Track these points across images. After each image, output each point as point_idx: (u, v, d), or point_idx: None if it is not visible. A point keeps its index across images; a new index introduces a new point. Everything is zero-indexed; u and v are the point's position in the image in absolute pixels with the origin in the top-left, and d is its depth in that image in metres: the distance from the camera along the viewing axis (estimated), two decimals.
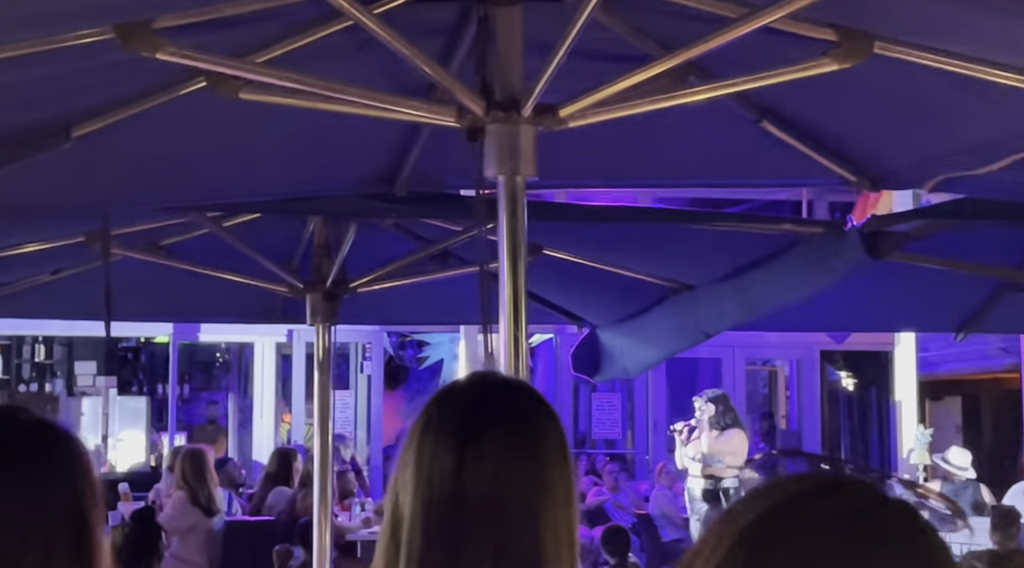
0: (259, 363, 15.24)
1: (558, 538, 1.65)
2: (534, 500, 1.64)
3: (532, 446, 1.67)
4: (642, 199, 13.84)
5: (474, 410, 1.69)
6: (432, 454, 1.65)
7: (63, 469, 1.57)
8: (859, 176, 4.01)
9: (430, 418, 1.69)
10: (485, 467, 1.63)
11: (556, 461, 1.68)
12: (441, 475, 1.63)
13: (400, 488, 1.67)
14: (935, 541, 1.06)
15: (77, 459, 1.59)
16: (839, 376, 18.14)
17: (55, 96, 3.34)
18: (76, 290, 5.47)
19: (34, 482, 1.53)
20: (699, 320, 5.26)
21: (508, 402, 1.72)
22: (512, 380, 1.79)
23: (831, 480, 1.10)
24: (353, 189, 4.31)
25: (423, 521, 1.62)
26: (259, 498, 10.41)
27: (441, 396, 1.74)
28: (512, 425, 1.68)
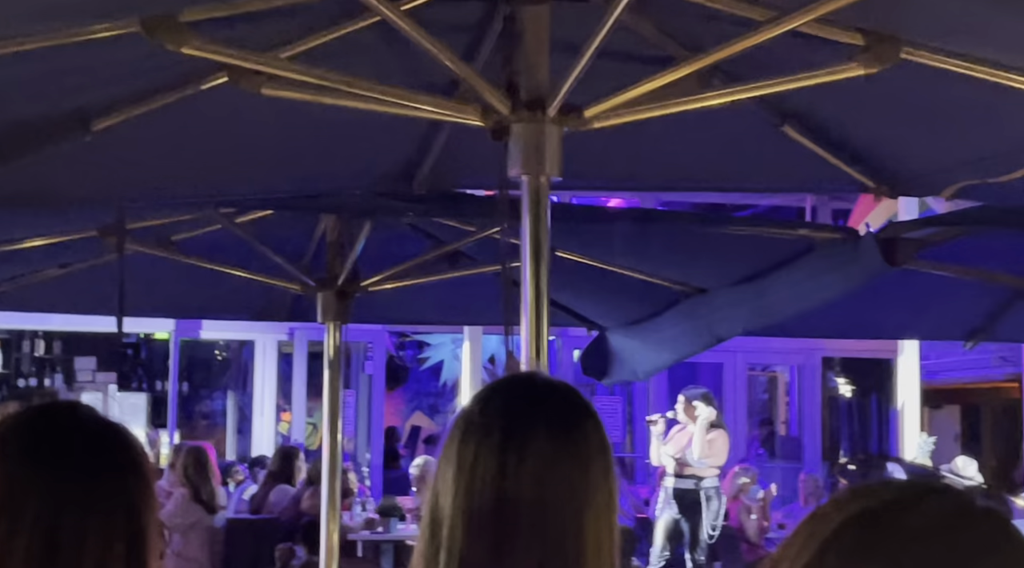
0: (259, 361, 15.22)
1: (599, 542, 1.63)
2: (578, 503, 1.62)
3: (576, 449, 1.65)
4: (647, 202, 13.84)
5: (518, 411, 1.67)
6: (475, 455, 1.62)
7: (122, 470, 1.55)
8: (878, 182, 4.00)
9: (472, 419, 1.67)
10: (528, 469, 1.61)
11: (599, 465, 1.66)
12: (483, 477, 1.61)
13: (440, 489, 1.64)
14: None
15: (135, 460, 1.58)
16: (839, 383, 18.13)
17: (77, 89, 3.32)
18: (85, 284, 5.45)
19: (94, 482, 1.52)
20: (712, 324, 5.24)
21: (553, 404, 1.70)
22: (557, 382, 1.76)
23: (924, 486, 1.09)
24: (372, 186, 4.29)
25: (464, 523, 1.60)
26: (261, 496, 10.40)
27: (483, 396, 1.72)
28: (556, 428, 1.66)
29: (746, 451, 16.01)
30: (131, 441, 1.59)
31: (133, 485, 1.55)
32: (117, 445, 1.58)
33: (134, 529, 1.53)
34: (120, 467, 1.56)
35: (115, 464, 1.56)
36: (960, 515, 1.04)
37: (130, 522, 1.53)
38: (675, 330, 5.50)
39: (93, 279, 5.29)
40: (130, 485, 1.55)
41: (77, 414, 1.59)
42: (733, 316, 5.11)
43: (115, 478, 1.54)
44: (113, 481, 1.54)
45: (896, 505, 1.05)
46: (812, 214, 16.12)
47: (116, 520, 1.51)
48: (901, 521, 1.03)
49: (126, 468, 1.56)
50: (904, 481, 1.09)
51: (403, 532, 10.20)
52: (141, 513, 1.54)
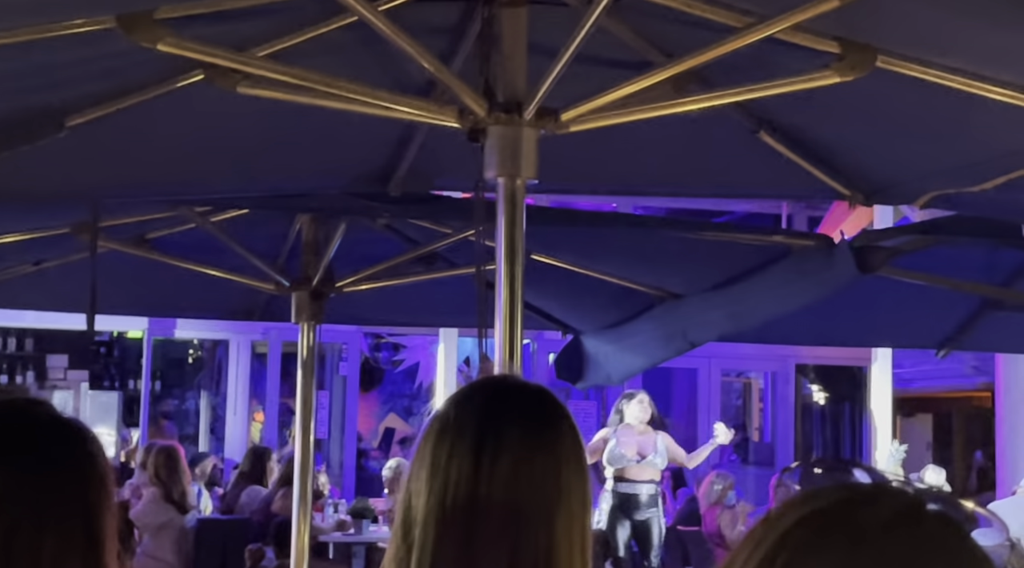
0: (233, 361, 15.17)
1: (572, 543, 1.63)
2: (550, 504, 1.62)
3: (549, 452, 1.65)
4: (622, 206, 13.86)
5: (492, 413, 1.67)
6: (448, 455, 1.63)
7: (79, 468, 1.54)
8: (853, 190, 4.01)
9: (447, 420, 1.67)
10: (501, 471, 1.61)
11: (573, 468, 1.67)
12: (457, 478, 1.61)
13: (413, 489, 1.65)
14: (979, 553, 1.05)
15: (92, 458, 1.56)
16: (813, 390, 18.20)
17: (51, 85, 3.30)
18: (58, 282, 5.42)
19: (51, 480, 1.50)
20: (686, 330, 5.25)
21: (527, 405, 1.70)
22: (531, 384, 1.77)
23: (876, 488, 1.09)
24: (347, 187, 4.28)
25: (436, 523, 1.60)
26: (232, 496, 10.36)
27: (458, 398, 1.72)
28: (530, 430, 1.66)
29: (719, 457, 16.06)
30: (88, 439, 1.58)
31: (90, 483, 1.54)
32: (74, 442, 1.56)
33: (91, 527, 1.51)
34: (77, 465, 1.54)
35: (72, 462, 1.54)
36: (910, 516, 1.04)
37: (87, 520, 1.51)
38: (649, 335, 5.51)
39: (66, 276, 5.27)
40: (87, 483, 1.53)
41: (34, 411, 1.58)
42: (707, 322, 5.12)
43: (72, 476, 1.53)
44: (70, 479, 1.52)
45: (846, 506, 1.05)
46: (788, 221, 16.17)
47: (73, 518, 1.50)
48: (851, 521, 1.03)
49: (83, 466, 1.55)
50: (856, 483, 1.09)
51: (375, 534, 10.18)
52: (98, 511, 1.53)
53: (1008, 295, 5.40)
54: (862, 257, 4.24)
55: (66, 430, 1.56)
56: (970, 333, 5.94)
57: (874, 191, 4.05)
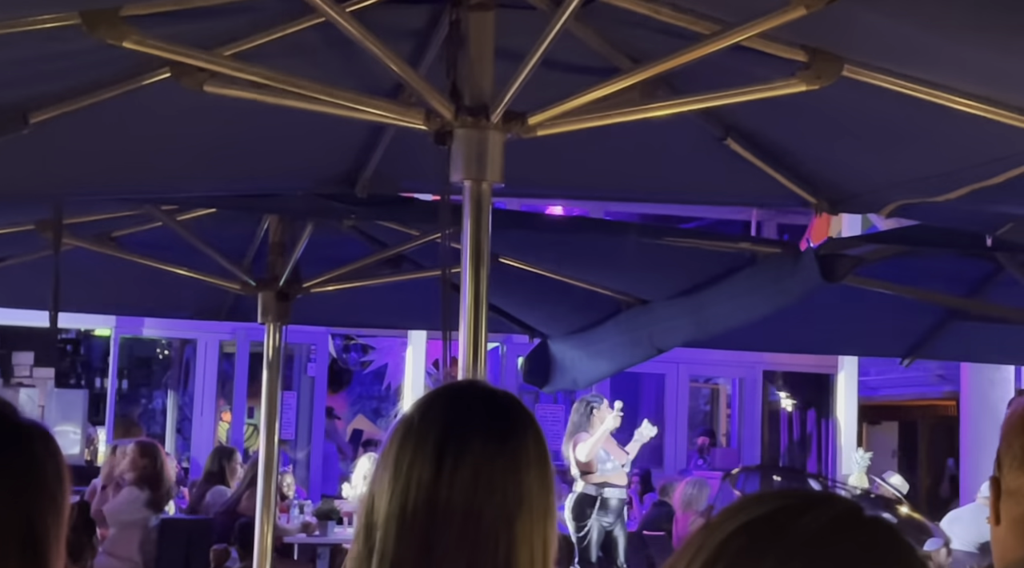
0: (201, 361, 15.10)
1: (533, 549, 1.63)
2: (511, 510, 1.62)
3: (512, 457, 1.65)
4: (593, 212, 13.88)
5: (456, 418, 1.67)
6: (411, 460, 1.63)
7: (15, 468, 1.50)
8: (819, 198, 4.03)
9: (411, 424, 1.67)
10: (463, 476, 1.61)
11: (536, 474, 1.67)
12: (418, 482, 1.61)
13: (376, 492, 1.65)
14: (914, 559, 1.06)
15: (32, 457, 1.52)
16: (780, 396, 18.26)
17: (14, 80, 3.27)
18: (22, 278, 5.39)
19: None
20: (652, 335, 5.26)
21: (490, 411, 1.70)
22: (497, 390, 1.76)
23: (812, 496, 1.10)
24: (314, 188, 4.27)
25: (397, 527, 1.61)
26: (197, 496, 10.32)
27: (424, 402, 1.72)
28: (493, 435, 1.66)
29: (686, 462, 16.10)
30: (32, 439, 1.53)
31: (29, 487, 1.50)
32: (13, 443, 1.52)
33: (31, 532, 1.47)
34: (14, 467, 1.51)
35: (8, 463, 1.51)
36: (845, 522, 1.05)
37: (25, 525, 1.47)
38: (616, 340, 5.52)
39: (30, 273, 5.23)
40: (25, 487, 1.50)
41: None
42: (673, 328, 5.13)
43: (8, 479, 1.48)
44: (5, 483, 1.48)
45: (783, 513, 1.06)
46: (757, 228, 16.23)
47: (8, 522, 1.46)
48: (788, 528, 1.04)
49: (20, 468, 1.51)
50: (796, 490, 1.10)
51: (340, 535, 10.15)
52: (39, 515, 1.49)
53: (972, 306, 5.44)
54: (827, 265, 4.25)
55: (6, 426, 1.52)
56: (935, 342, 5.98)
57: (840, 200, 4.06)
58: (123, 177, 4.08)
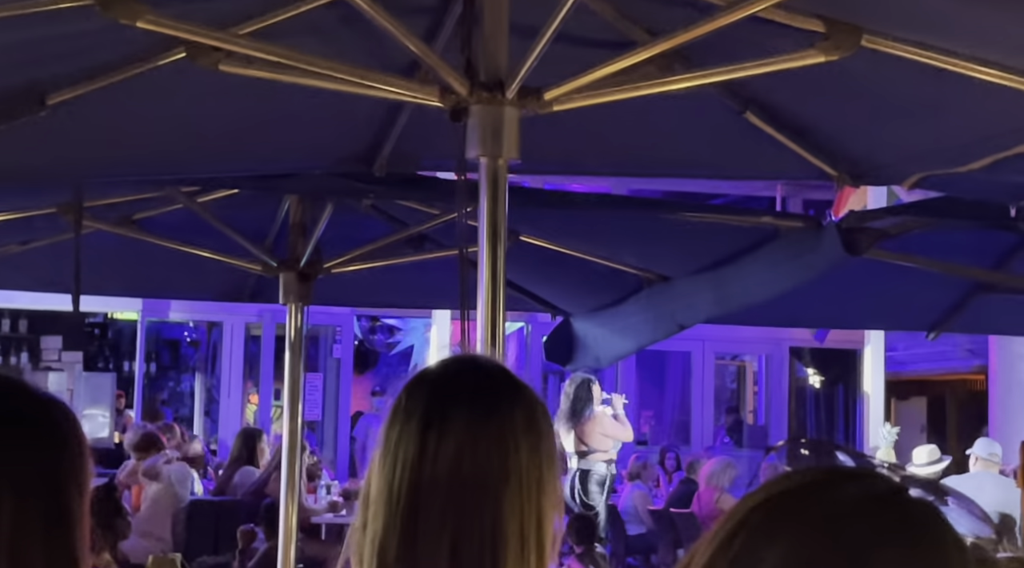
0: (227, 343, 15.15)
1: (523, 525, 1.62)
2: (497, 484, 1.62)
3: (496, 430, 1.65)
4: (617, 189, 13.82)
5: (440, 393, 1.68)
6: (398, 437, 1.65)
7: (37, 430, 1.53)
8: (840, 170, 3.99)
9: (400, 401, 1.69)
10: (446, 450, 1.62)
11: (524, 445, 1.66)
12: (404, 458, 1.63)
13: (372, 470, 1.68)
14: (947, 537, 1.04)
15: (55, 423, 1.54)
16: (807, 373, 18.20)
17: (31, 62, 3.28)
18: (46, 262, 5.40)
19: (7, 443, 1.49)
20: (674, 312, 5.24)
21: (474, 385, 1.70)
22: (484, 362, 1.77)
23: (841, 473, 1.10)
24: (331, 168, 4.26)
25: (385, 503, 1.63)
26: (225, 478, 10.37)
27: (413, 380, 1.73)
28: (477, 410, 1.66)
29: (713, 440, 16.07)
30: (53, 406, 1.56)
31: (53, 448, 1.52)
32: (35, 408, 1.54)
33: (54, 493, 1.49)
34: (37, 429, 1.53)
35: (32, 425, 1.53)
36: (867, 503, 1.03)
37: (49, 485, 1.49)
38: (638, 317, 5.50)
39: (55, 257, 5.24)
40: (49, 448, 1.52)
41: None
42: (695, 304, 5.11)
43: (31, 440, 1.51)
44: (28, 443, 1.51)
45: (805, 491, 1.05)
46: (783, 204, 16.14)
47: (32, 482, 1.48)
48: (808, 506, 1.03)
49: (44, 431, 1.53)
50: (825, 467, 1.09)
51: None
52: (62, 477, 1.51)
53: (997, 278, 5.39)
54: (849, 239, 4.22)
55: (27, 396, 1.55)
56: (961, 315, 5.93)
57: (861, 172, 4.03)
58: (142, 159, 4.08)
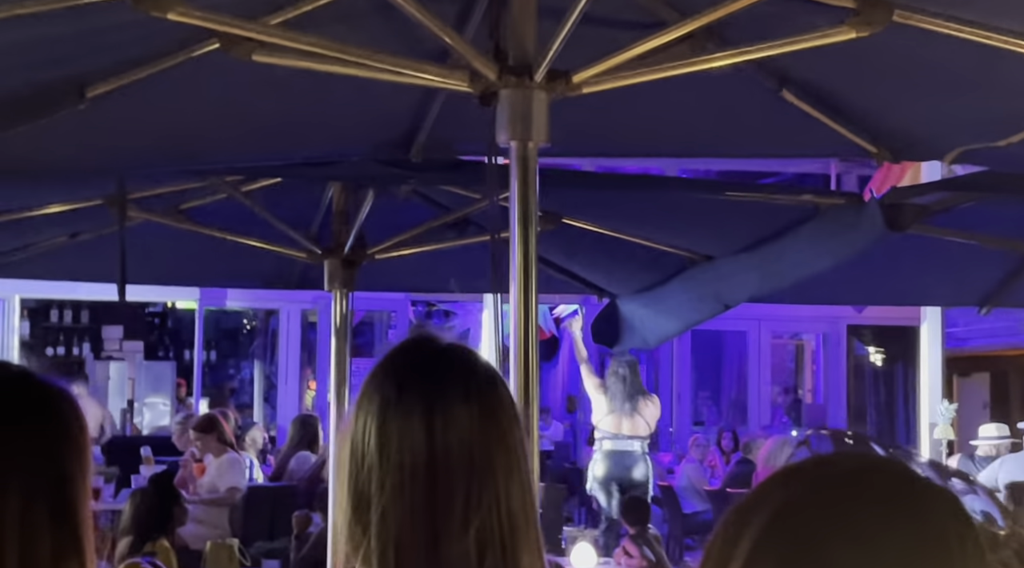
0: (284, 330, 15.28)
1: (525, 502, 1.65)
2: (504, 467, 1.64)
3: (492, 413, 1.66)
4: (668, 169, 13.78)
5: (436, 385, 1.66)
6: (400, 434, 1.62)
7: (46, 424, 1.56)
8: (879, 147, 3.96)
9: (389, 397, 1.65)
10: (454, 442, 1.62)
11: (515, 423, 1.69)
12: (414, 456, 1.61)
13: (360, 467, 1.63)
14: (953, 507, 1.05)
15: (60, 414, 1.58)
16: (866, 351, 18.05)
17: (68, 56, 3.32)
18: (96, 253, 5.47)
19: (13, 435, 1.53)
20: (719, 292, 5.22)
21: (468, 374, 1.69)
22: (462, 347, 1.74)
23: (846, 453, 1.12)
24: (369, 155, 4.28)
25: (398, 504, 1.60)
26: (281, 463, 10.47)
27: (399, 372, 1.69)
28: (474, 395, 1.66)
29: (771, 419, 16.00)
30: (57, 397, 1.59)
31: (57, 439, 1.56)
32: (40, 400, 1.58)
33: (60, 483, 1.53)
34: (43, 421, 1.56)
35: (37, 418, 1.56)
36: (858, 472, 1.06)
37: (55, 475, 1.53)
38: (683, 297, 5.48)
39: (105, 247, 5.31)
40: (54, 439, 1.56)
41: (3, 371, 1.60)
42: (739, 283, 5.09)
43: (37, 431, 1.55)
44: (34, 434, 1.54)
45: (801, 463, 1.10)
46: (837, 181, 16.00)
47: (39, 472, 1.52)
48: (800, 478, 1.08)
49: (49, 423, 1.57)
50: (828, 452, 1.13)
51: None
52: (67, 466, 1.55)
53: None
54: (891, 215, 4.18)
55: (32, 389, 1.58)
56: (1012, 290, 5.86)
57: (901, 148, 3.99)
58: (183, 149, 4.12)
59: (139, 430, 14.95)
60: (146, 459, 10.64)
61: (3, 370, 1.60)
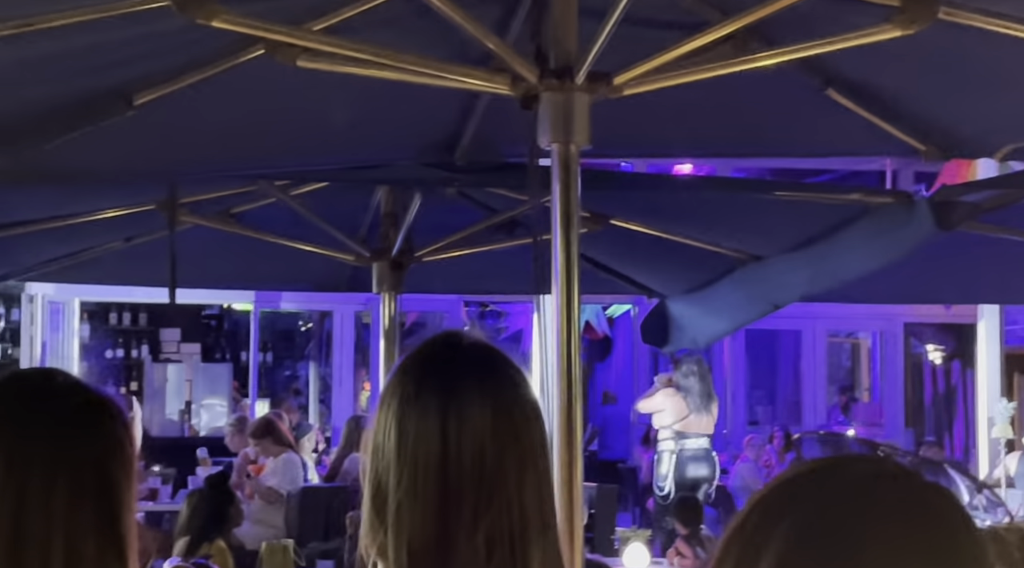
0: (338, 331, 15.36)
1: (542, 505, 1.66)
2: (517, 470, 1.65)
3: (507, 415, 1.67)
4: (721, 169, 13.71)
5: (452, 383, 1.67)
6: (416, 433, 1.63)
7: (91, 432, 1.60)
8: (928, 145, 3.93)
9: (408, 394, 1.67)
10: (468, 444, 1.63)
11: (535, 425, 1.69)
12: (427, 455, 1.63)
13: (379, 464, 1.65)
14: (960, 514, 1.05)
15: (106, 424, 1.62)
16: (924, 349, 17.86)
17: (117, 64, 3.36)
18: (150, 257, 5.53)
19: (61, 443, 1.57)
20: (768, 291, 5.20)
21: (486, 373, 1.70)
22: (485, 346, 1.75)
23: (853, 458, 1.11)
24: (414, 158, 4.30)
25: (412, 502, 1.62)
26: (335, 464, 10.54)
27: (418, 369, 1.70)
28: (489, 396, 1.67)
29: (827, 418, 15.87)
30: (105, 407, 1.64)
31: (104, 449, 1.60)
32: (88, 410, 1.63)
33: (106, 492, 1.58)
34: (90, 431, 1.61)
35: (85, 428, 1.61)
36: (871, 480, 1.06)
37: (100, 483, 1.58)
38: (732, 297, 5.46)
39: (159, 251, 5.37)
40: (101, 449, 1.60)
41: (48, 380, 1.65)
42: (789, 283, 5.06)
43: (84, 441, 1.59)
44: (82, 443, 1.59)
45: (814, 472, 1.08)
46: (893, 178, 15.83)
47: (84, 480, 1.57)
48: (814, 485, 1.07)
49: (97, 432, 1.61)
50: (844, 454, 1.12)
51: None
52: (112, 475, 1.59)
53: None
54: (941, 213, 4.13)
55: (80, 397, 1.63)
56: None
57: (950, 145, 3.96)
58: (231, 154, 4.16)
59: (196, 431, 15.10)
60: (202, 460, 10.75)
61: (55, 379, 1.64)
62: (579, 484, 2.96)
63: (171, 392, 15.62)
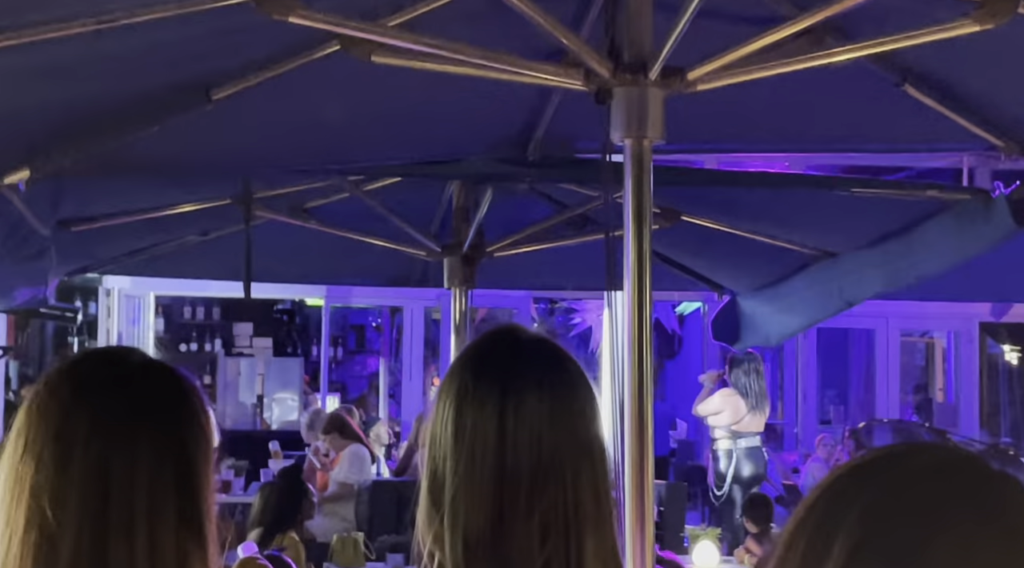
0: (408, 326, 15.43)
1: (598, 498, 1.67)
2: (574, 462, 1.66)
3: (567, 408, 1.68)
4: (795, 166, 13.58)
5: (510, 376, 1.69)
6: (473, 425, 1.66)
7: (169, 406, 1.62)
8: (1006, 141, 3.87)
9: (466, 386, 1.69)
10: (524, 435, 1.65)
11: (592, 419, 1.70)
12: (484, 446, 1.65)
13: (437, 454, 1.68)
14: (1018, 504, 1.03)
15: (184, 398, 1.64)
16: (1000, 349, 17.59)
17: (196, 58, 3.41)
18: (225, 251, 5.60)
19: (140, 417, 1.59)
20: (842, 288, 5.15)
21: (544, 368, 1.71)
22: (544, 340, 1.78)
23: (919, 445, 1.10)
24: (486, 153, 4.31)
25: (468, 492, 1.64)
26: (405, 459, 10.60)
27: (477, 363, 1.73)
28: (547, 390, 1.68)
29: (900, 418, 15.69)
30: (182, 382, 1.66)
31: (183, 424, 1.62)
32: (166, 384, 1.65)
33: (185, 465, 1.60)
34: (169, 406, 1.63)
35: (163, 403, 1.63)
36: (939, 467, 1.05)
37: (181, 458, 1.60)
38: (805, 294, 5.42)
39: (234, 246, 5.43)
40: (180, 424, 1.62)
41: (126, 357, 1.67)
42: (863, 280, 5.01)
43: (164, 416, 1.61)
44: (162, 419, 1.61)
45: (883, 459, 1.07)
46: (970, 176, 15.61)
47: (165, 454, 1.59)
48: (883, 471, 1.05)
49: (175, 407, 1.63)
50: (907, 442, 1.11)
51: None
52: (192, 449, 1.61)
53: None
54: (1020, 210, 4.08)
55: (158, 374, 1.65)
56: None
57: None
58: (305, 149, 4.20)
59: (268, 425, 15.24)
60: (274, 453, 10.86)
61: (141, 359, 1.67)
62: (650, 481, 2.96)
63: (243, 386, 15.78)
